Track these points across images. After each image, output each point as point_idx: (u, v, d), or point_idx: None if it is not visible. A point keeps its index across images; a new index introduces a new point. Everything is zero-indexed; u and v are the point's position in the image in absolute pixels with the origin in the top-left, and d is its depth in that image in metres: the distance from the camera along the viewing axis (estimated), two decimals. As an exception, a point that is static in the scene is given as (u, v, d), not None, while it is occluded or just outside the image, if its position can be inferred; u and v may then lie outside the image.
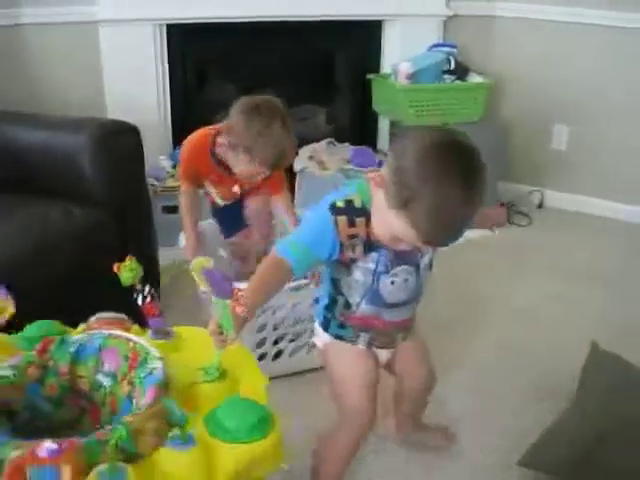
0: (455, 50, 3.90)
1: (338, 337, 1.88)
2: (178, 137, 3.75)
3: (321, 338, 1.93)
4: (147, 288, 1.79)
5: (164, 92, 3.67)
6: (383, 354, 1.94)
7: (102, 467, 1.20)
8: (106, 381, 1.56)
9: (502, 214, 2.07)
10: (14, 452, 1.21)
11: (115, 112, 3.35)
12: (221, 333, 1.55)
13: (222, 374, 1.55)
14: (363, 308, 1.79)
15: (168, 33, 3.59)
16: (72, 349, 1.57)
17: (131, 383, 1.51)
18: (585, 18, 3.92)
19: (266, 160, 2.40)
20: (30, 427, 1.46)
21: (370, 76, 3.96)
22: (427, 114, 3.75)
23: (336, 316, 1.85)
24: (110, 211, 2.61)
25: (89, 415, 1.57)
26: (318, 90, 4.34)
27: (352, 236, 1.65)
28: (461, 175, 1.48)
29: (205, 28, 3.62)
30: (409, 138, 1.56)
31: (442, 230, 1.53)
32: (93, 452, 1.24)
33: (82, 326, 1.75)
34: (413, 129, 1.62)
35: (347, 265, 1.72)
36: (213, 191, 2.66)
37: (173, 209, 3.43)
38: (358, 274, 1.73)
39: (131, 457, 1.29)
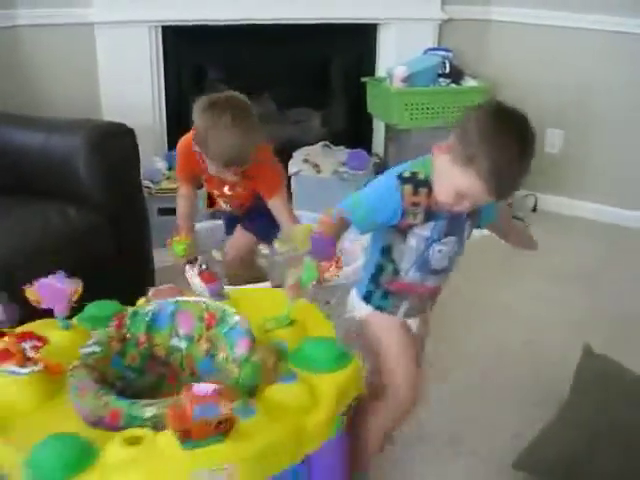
0: (450, 54, 3.92)
1: (379, 308, 1.96)
2: (173, 139, 3.76)
3: (361, 311, 2.00)
4: (200, 259, 2.00)
5: (159, 94, 3.68)
6: (413, 324, 2.03)
7: (236, 404, 1.37)
8: (182, 344, 1.71)
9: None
10: (149, 408, 1.39)
11: (110, 114, 3.36)
12: (298, 288, 1.74)
13: (291, 322, 1.77)
14: (411, 274, 1.90)
15: (163, 35, 3.60)
16: (147, 319, 1.70)
17: (210, 340, 1.67)
18: (579, 22, 3.93)
19: (215, 156, 2.30)
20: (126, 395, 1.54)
21: (365, 79, 3.96)
22: (422, 117, 3.76)
23: (381, 284, 1.93)
24: (106, 213, 2.61)
25: (168, 380, 1.70)
26: (313, 93, 4.35)
27: (415, 204, 1.79)
28: (516, 132, 1.71)
29: (200, 30, 3.63)
30: (471, 109, 1.76)
31: (503, 179, 1.70)
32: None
33: (142, 300, 1.87)
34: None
35: (403, 232, 1.84)
36: (215, 193, 2.64)
37: (168, 211, 3.43)
38: (413, 241, 1.85)
39: (251, 391, 1.50)
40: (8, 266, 2.24)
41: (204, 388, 1.32)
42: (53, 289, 1.71)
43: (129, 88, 3.55)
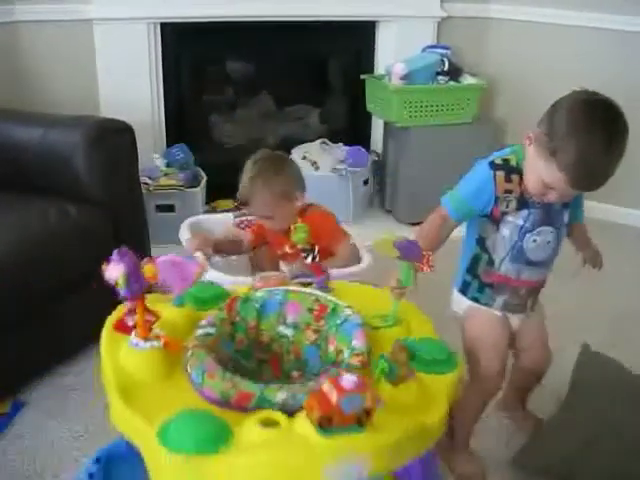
0: (449, 51, 3.91)
1: (475, 300, 2.01)
2: (172, 136, 3.77)
3: (459, 304, 2.05)
4: (316, 249, 2.13)
5: (158, 91, 3.68)
6: (514, 320, 2.05)
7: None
8: (289, 332, 1.79)
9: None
10: (280, 393, 1.44)
11: (109, 110, 3.36)
12: (400, 287, 1.77)
13: (397, 321, 1.79)
14: (506, 265, 1.93)
15: (162, 32, 3.60)
16: (257, 305, 1.78)
17: (318, 331, 1.76)
18: (579, 20, 3.94)
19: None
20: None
21: (364, 77, 3.96)
22: (420, 115, 3.76)
23: (478, 275, 1.98)
24: (104, 209, 2.61)
25: (268, 365, 1.76)
26: (312, 90, 4.36)
27: (507, 191, 1.83)
28: (604, 126, 1.71)
29: (200, 27, 3.63)
30: (562, 98, 1.81)
31: (586, 173, 1.72)
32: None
33: (246, 286, 1.89)
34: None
35: (496, 221, 1.88)
36: (278, 254, 2.64)
37: (166, 208, 3.45)
38: (505, 230, 1.88)
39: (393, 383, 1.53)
40: (7, 262, 2.25)
41: (350, 379, 1.36)
42: (177, 267, 1.71)
43: (128, 85, 3.55)
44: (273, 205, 2.45)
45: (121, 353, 1.58)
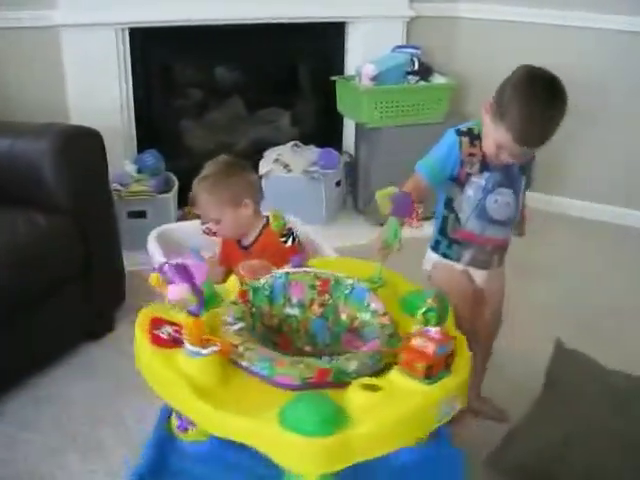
0: (418, 51, 3.92)
1: (445, 256, 2.21)
2: (143, 142, 3.74)
3: (430, 260, 2.26)
4: (295, 232, 2.20)
5: (128, 96, 3.65)
6: (478, 275, 2.23)
7: None
8: (295, 311, 1.90)
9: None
10: (352, 362, 1.59)
11: (78, 117, 3.33)
12: (385, 248, 1.96)
13: (384, 282, 1.94)
14: (471, 223, 2.13)
15: (131, 37, 3.57)
16: (266, 292, 1.87)
17: (323, 305, 1.89)
18: (548, 18, 3.97)
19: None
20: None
21: (334, 78, 3.95)
22: (391, 115, 3.76)
23: (447, 233, 2.18)
24: (74, 217, 2.59)
25: (280, 347, 1.79)
26: (283, 93, 4.34)
27: (471, 154, 2.06)
28: (543, 91, 1.96)
29: (168, 32, 3.61)
30: (512, 72, 2.03)
31: (527, 131, 1.95)
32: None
33: (233, 279, 1.96)
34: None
35: (462, 183, 2.10)
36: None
37: (138, 214, 3.42)
38: (470, 190, 2.10)
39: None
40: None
41: (437, 330, 1.59)
42: (188, 270, 1.71)
43: (97, 91, 3.52)
44: (216, 209, 2.41)
45: (180, 364, 1.61)
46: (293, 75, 4.35)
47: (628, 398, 2.35)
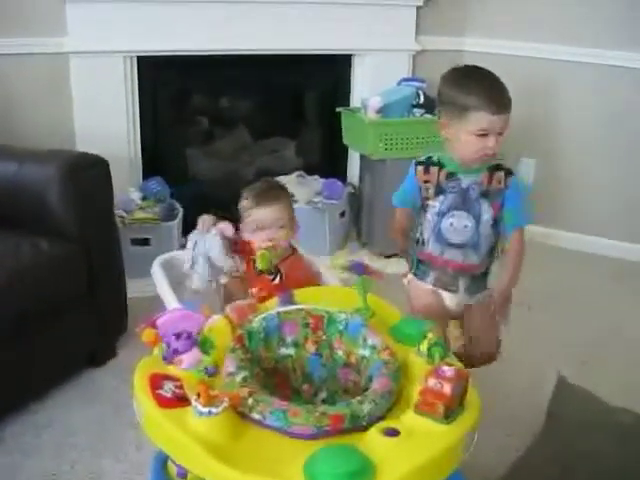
0: (424, 84, 3.93)
1: (415, 274, 2.34)
2: (148, 169, 3.76)
3: (407, 276, 2.38)
4: (281, 270, 2.19)
5: (134, 124, 3.67)
6: (447, 297, 2.30)
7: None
8: (290, 351, 1.87)
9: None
10: (365, 405, 1.57)
11: (85, 143, 3.34)
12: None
13: (373, 313, 1.91)
14: (431, 244, 2.25)
15: (139, 65, 3.59)
16: (261, 335, 1.83)
17: (317, 342, 1.87)
18: (553, 54, 4.00)
19: None
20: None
21: (339, 109, 3.98)
22: (396, 148, 3.77)
23: (415, 253, 2.32)
24: (78, 243, 2.60)
25: (277, 389, 1.79)
26: (288, 123, 4.37)
27: (426, 181, 2.21)
28: (478, 68, 2.16)
29: (176, 61, 3.63)
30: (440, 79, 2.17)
31: (494, 92, 2.10)
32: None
33: (220, 318, 1.89)
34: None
35: (424, 208, 2.23)
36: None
37: (142, 241, 3.43)
38: (428, 215, 2.23)
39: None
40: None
41: (451, 369, 1.59)
42: (183, 321, 1.72)
43: (104, 118, 3.54)
44: (288, 214, 2.40)
45: (191, 425, 1.54)
46: (299, 106, 4.38)
47: (632, 434, 2.35)
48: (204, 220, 2.42)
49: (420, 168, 2.23)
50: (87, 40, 3.43)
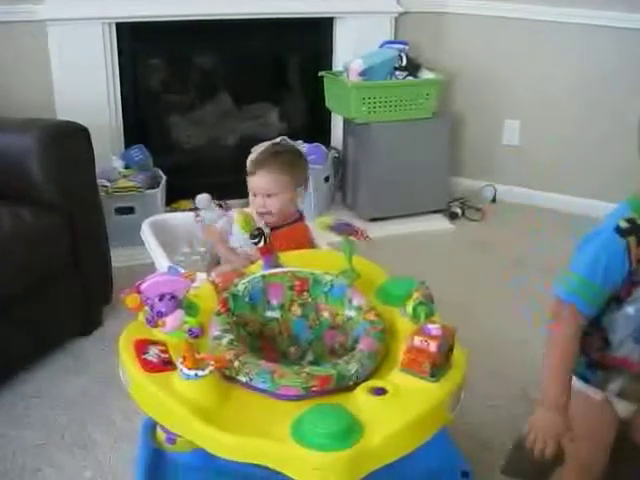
0: (406, 47, 3.91)
1: (584, 379, 1.69)
2: (130, 137, 3.73)
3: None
4: (266, 231, 2.08)
5: (115, 92, 3.64)
6: (624, 408, 1.72)
7: None
8: (276, 314, 1.87)
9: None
10: (351, 365, 1.58)
11: (65, 112, 3.32)
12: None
13: (358, 274, 1.90)
14: (627, 346, 1.62)
15: (118, 32, 3.55)
16: (246, 299, 1.82)
17: (303, 304, 1.86)
18: (534, 14, 3.96)
19: None
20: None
21: (322, 73, 3.95)
22: (379, 111, 3.75)
23: (588, 353, 1.66)
24: (60, 213, 2.57)
25: (263, 353, 1.76)
26: (271, 88, 4.33)
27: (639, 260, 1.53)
28: None
29: (156, 27, 3.59)
30: None
31: None
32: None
33: (203, 284, 1.91)
34: None
35: (621, 298, 1.58)
36: None
37: (126, 210, 3.41)
38: (631, 309, 1.58)
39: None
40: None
41: (436, 327, 1.58)
42: (165, 286, 1.69)
43: (84, 86, 3.50)
44: (278, 185, 2.42)
45: (177, 389, 1.54)
46: (281, 71, 4.35)
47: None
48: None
49: (632, 239, 1.53)
50: (64, 7, 3.39)
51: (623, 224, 1.54)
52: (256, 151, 2.53)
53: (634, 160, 3.55)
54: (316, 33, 4.06)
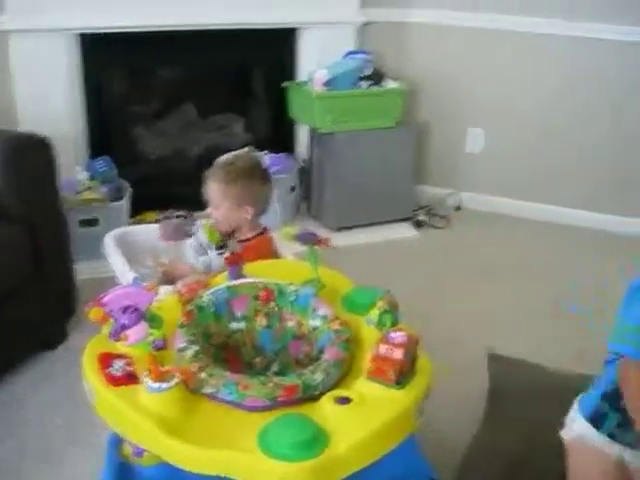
0: (370, 56, 3.93)
1: (611, 437, 1.58)
2: (96, 148, 3.70)
3: (580, 433, 1.64)
4: (232, 243, 2.17)
5: (80, 103, 3.61)
6: (633, 460, 1.59)
7: None
8: (241, 325, 1.87)
9: None
10: (317, 375, 1.59)
11: (28, 124, 3.28)
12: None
13: (323, 284, 1.93)
14: None
15: (83, 43, 3.52)
16: (212, 310, 1.82)
17: (267, 315, 1.87)
18: (498, 24, 4.00)
19: None
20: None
21: (286, 84, 3.96)
22: (344, 120, 3.77)
23: (620, 408, 1.53)
24: (23, 226, 2.55)
25: (228, 364, 1.77)
26: (236, 99, 4.33)
27: None
28: None
29: (120, 38, 3.56)
30: None
31: None
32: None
33: (167, 295, 1.92)
34: None
35: None
36: None
37: (89, 222, 3.38)
38: None
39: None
40: None
41: (401, 335, 1.60)
42: (127, 299, 1.69)
43: (47, 97, 3.47)
44: (221, 198, 2.42)
45: (142, 402, 1.54)
46: (246, 81, 4.34)
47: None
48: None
49: None
50: (27, 18, 3.35)
51: None
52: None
53: (598, 167, 3.64)
54: (280, 44, 4.06)
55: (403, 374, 1.58)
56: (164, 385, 1.52)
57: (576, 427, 1.66)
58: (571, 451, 1.67)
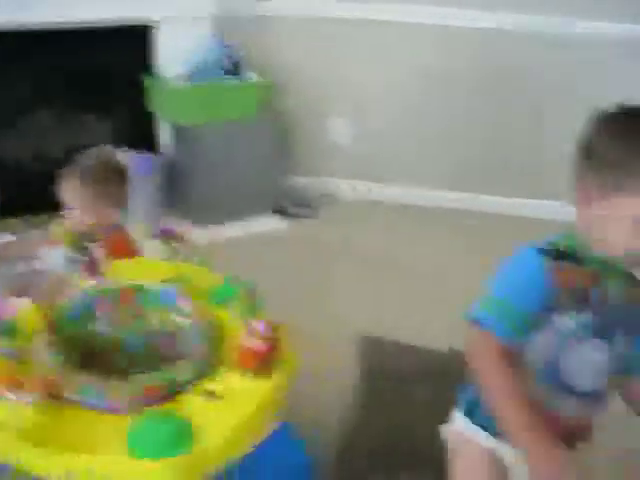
0: (231, 49, 3.92)
1: (483, 428, 1.52)
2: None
3: (455, 425, 1.60)
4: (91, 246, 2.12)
5: None
6: (510, 454, 1.48)
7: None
8: (103, 327, 1.84)
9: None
10: (183, 372, 1.59)
11: None
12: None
13: (186, 280, 1.92)
14: (538, 386, 1.43)
15: None
16: (73, 316, 1.79)
17: (131, 315, 1.85)
18: (357, 13, 4.06)
19: None
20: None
21: (146, 80, 3.90)
22: (205, 114, 3.76)
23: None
24: None
25: (94, 368, 1.67)
26: (95, 98, 4.23)
27: (563, 283, 1.37)
28: None
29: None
30: (587, 128, 1.38)
31: None
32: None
33: (28, 303, 1.82)
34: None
35: (534, 325, 1.40)
36: None
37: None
38: (540, 339, 1.40)
39: None
40: None
41: (261, 324, 1.62)
42: None
43: None
44: (73, 199, 2.36)
45: (3, 416, 1.48)
46: (105, 80, 4.24)
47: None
48: None
49: (552, 264, 1.38)
50: None
51: (545, 245, 1.41)
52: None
53: (467, 151, 3.72)
54: (139, 40, 3.99)
55: (268, 364, 1.60)
56: (24, 396, 1.48)
57: (454, 418, 1.62)
58: (451, 450, 1.61)
